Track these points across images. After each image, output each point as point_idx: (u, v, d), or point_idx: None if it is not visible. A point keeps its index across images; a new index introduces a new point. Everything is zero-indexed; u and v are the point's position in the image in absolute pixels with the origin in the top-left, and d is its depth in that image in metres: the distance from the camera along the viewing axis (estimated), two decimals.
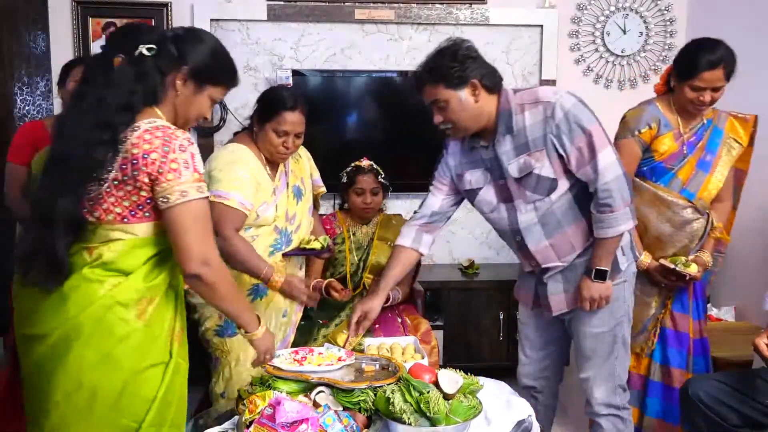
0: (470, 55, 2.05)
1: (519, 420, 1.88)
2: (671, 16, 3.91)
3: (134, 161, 1.55)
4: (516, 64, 3.87)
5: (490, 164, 2.16)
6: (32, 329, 1.65)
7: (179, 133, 1.60)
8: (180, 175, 1.57)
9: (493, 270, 3.80)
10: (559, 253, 2.19)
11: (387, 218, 3.12)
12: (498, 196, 2.19)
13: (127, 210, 1.60)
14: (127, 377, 1.62)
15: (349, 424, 1.73)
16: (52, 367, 1.61)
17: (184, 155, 1.58)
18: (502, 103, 2.10)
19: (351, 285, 2.96)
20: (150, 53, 1.64)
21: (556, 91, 2.09)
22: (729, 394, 2.21)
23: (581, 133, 2.02)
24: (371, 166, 3.00)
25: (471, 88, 2.03)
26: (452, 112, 2.06)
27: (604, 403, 2.28)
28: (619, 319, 2.25)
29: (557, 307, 2.26)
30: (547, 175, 2.08)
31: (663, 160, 2.50)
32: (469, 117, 2.07)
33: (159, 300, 1.67)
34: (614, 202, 2.04)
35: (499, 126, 2.10)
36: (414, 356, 2.25)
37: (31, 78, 3.64)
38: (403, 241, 2.32)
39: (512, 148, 2.10)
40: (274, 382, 1.89)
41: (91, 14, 3.62)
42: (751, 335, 2.19)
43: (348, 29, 3.76)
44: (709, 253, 2.53)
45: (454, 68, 2.01)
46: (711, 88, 2.37)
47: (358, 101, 3.78)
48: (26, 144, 2.72)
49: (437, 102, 2.07)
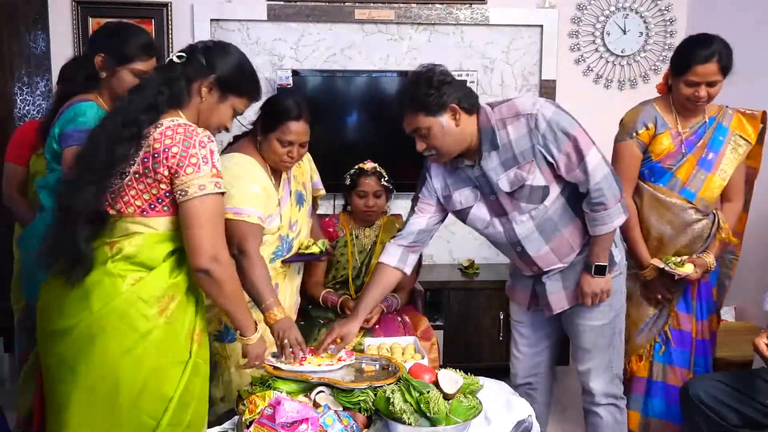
0: (445, 80, 2.04)
1: (519, 420, 1.88)
2: (671, 16, 3.91)
3: (155, 155, 1.62)
4: (516, 64, 3.87)
5: (478, 182, 2.16)
6: (56, 324, 1.68)
7: (199, 130, 1.67)
8: (199, 169, 1.63)
9: (493, 270, 3.80)
10: (560, 255, 2.21)
11: (390, 221, 3.10)
12: (490, 212, 2.20)
13: (146, 203, 1.66)
14: (148, 373, 1.65)
15: (349, 424, 1.73)
16: (74, 361, 1.65)
17: (204, 151, 1.64)
18: (482, 122, 2.10)
19: (353, 288, 2.95)
20: (180, 61, 1.73)
21: (534, 101, 2.10)
22: (729, 395, 2.21)
23: (566, 138, 2.04)
24: (374, 169, 2.97)
25: (451, 112, 2.03)
26: (435, 139, 2.05)
27: (604, 393, 2.32)
28: (618, 311, 2.31)
29: (558, 305, 2.27)
30: (539, 183, 2.10)
31: (660, 159, 2.49)
32: (453, 141, 2.07)
33: (180, 299, 1.71)
34: (607, 200, 2.07)
35: (482, 144, 2.10)
36: (414, 356, 2.25)
37: (31, 78, 3.64)
38: (389, 260, 2.27)
39: (499, 163, 2.10)
40: (274, 382, 1.89)
41: (91, 14, 3.62)
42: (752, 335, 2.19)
43: (348, 29, 3.76)
44: (713, 255, 2.51)
45: (432, 95, 2.00)
46: (705, 82, 2.37)
47: (358, 101, 3.78)
48: (23, 144, 2.72)
49: (419, 130, 2.06)
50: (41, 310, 1.76)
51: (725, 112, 2.52)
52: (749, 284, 3.23)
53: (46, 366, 1.74)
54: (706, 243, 2.53)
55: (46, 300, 1.75)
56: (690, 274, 2.46)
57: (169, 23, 3.63)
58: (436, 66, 2.07)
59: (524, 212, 2.14)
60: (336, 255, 2.97)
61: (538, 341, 2.42)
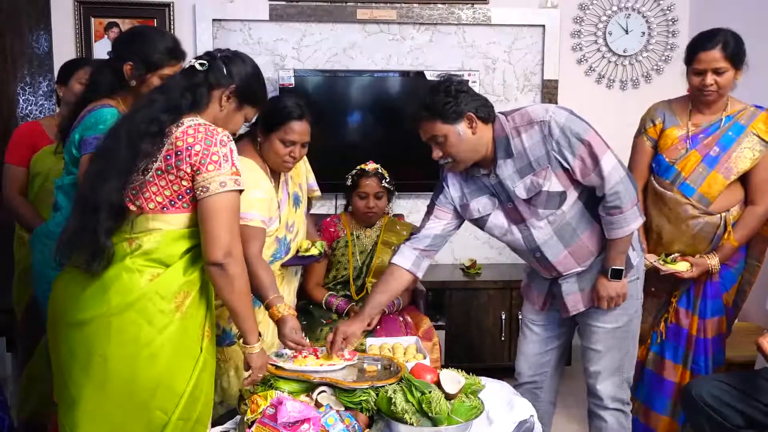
0: (462, 89, 2.07)
1: (521, 420, 1.88)
2: (673, 15, 3.90)
3: (178, 152, 1.67)
4: (518, 64, 3.86)
5: (495, 189, 2.17)
6: (72, 317, 1.70)
7: (219, 130, 1.73)
8: (220, 167, 1.68)
9: (495, 270, 3.79)
10: (579, 259, 2.21)
11: (391, 222, 3.10)
12: (508, 219, 2.21)
13: (167, 199, 1.70)
14: (162, 369, 1.68)
15: (351, 424, 1.73)
16: (88, 355, 1.67)
17: (224, 149, 1.70)
18: (497, 130, 2.12)
19: (354, 288, 2.95)
20: (202, 68, 1.79)
21: (546, 108, 2.11)
22: (732, 395, 2.20)
23: (580, 143, 2.05)
24: (376, 170, 2.97)
25: (467, 121, 2.05)
26: (451, 146, 2.07)
27: (611, 396, 2.30)
28: (632, 316, 2.28)
29: (574, 307, 2.27)
30: (556, 189, 2.10)
31: (664, 152, 2.54)
32: (469, 149, 2.09)
33: (195, 295, 1.74)
34: (623, 203, 2.07)
35: (497, 152, 2.11)
36: (416, 356, 2.25)
37: (33, 78, 3.64)
38: (403, 262, 2.24)
39: (515, 170, 2.12)
40: (276, 382, 1.89)
41: (93, 14, 3.62)
42: (754, 336, 2.19)
43: (350, 29, 3.76)
44: (717, 258, 2.50)
45: (449, 103, 2.03)
46: (711, 69, 2.40)
47: (359, 101, 3.78)
48: (23, 145, 2.71)
49: (435, 138, 2.08)
50: (55, 302, 1.78)
51: (749, 111, 2.51)
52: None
53: (57, 359, 1.76)
54: (712, 245, 2.52)
55: (60, 293, 1.77)
56: (681, 272, 2.47)
57: (171, 23, 3.63)
58: (454, 76, 2.12)
59: (542, 218, 2.15)
60: (337, 255, 2.97)
61: (548, 341, 2.40)
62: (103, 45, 3.60)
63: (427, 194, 2.38)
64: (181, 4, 3.65)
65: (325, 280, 3.00)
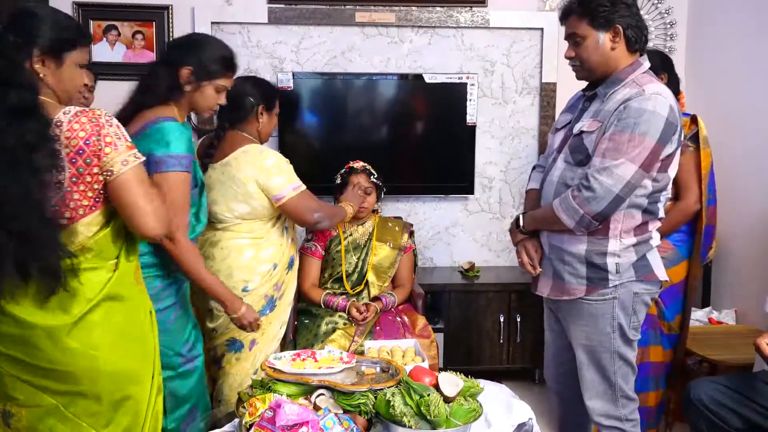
0: (625, 1, 2.04)
1: (519, 423, 1.88)
2: (671, 19, 3.91)
3: (80, 151, 1.62)
4: (516, 67, 3.87)
5: (577, 113, 2.18)
6: (48, 321, 1.63)
7: (97, 111, 1.67)
8: (116, 147, 1.65)
9: (493, 273, 3.79)
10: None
11: (383, 221, 3.14)
12: (559, 144, 2.20)
13: (92, 199, 1.67)
14: (146, 330, 1.81)
15: (349, 427, 1.73)
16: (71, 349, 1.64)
17: (112, 129, 1.66)
18: (626, 70, 2.07)
19: (348, 285, 2.98)
20: None
21: (660, 91, 2.01)
22: (730, 397, 2.21)
23: (623, 131, 1.96)
24: (364, 167, 3.04)
25: (613, 33, 2.03)
26: (585, 50, 2.06)
27: (603, 413, 2.20)
28: (607, 334, 2.15)
29: (543, 288, 2.24)
30: (588, 145, 2.05)
31: None
32: (599, 61, 2.07)
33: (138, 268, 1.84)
34: (588, 201, 1.99)
35: (606, 85, 2.08)
36: (414, 359, 2.25)
37: None
38: (534, 185, 2.35)
39: (595, 109, 2.10)
40: (274, 385, 1.89)
41: (92, 17, 3.62)
42: (752, 338, 2.19)
43: (348, 32, 3.76)
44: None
45: (604, 8, 2.01)
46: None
47: (358, 104, 3.78)
48: None
49: (574, 36, 2.08)
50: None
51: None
52: (749, 287, 3.23)
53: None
54: None
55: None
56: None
57: (170, 26, 3.63)
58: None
59: (564, 161, 2.13)
60: (332, 253, 3.01)
61: (560, 352, 2.35)
62: (102, 47, 3.61)
63: (425, 196, 2.38)
64: (179, 6, 3.65)
65: (321, 279, 3.04)
